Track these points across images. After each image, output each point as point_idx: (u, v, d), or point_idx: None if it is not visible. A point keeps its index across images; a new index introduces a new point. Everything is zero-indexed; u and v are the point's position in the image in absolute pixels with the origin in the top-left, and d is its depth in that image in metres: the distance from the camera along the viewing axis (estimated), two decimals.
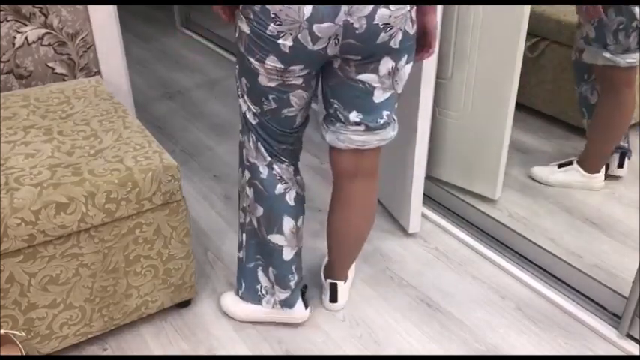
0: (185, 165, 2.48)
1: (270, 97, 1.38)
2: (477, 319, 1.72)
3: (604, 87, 2.06)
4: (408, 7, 1.26)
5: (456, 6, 1.88)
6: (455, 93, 2.02)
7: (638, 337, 1.61)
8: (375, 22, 1.23)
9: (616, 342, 1.62)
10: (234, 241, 2.02)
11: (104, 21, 1.98)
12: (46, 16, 1.90)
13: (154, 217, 1.52)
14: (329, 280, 1.72)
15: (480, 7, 1.84)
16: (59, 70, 2.00)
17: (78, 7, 1.94)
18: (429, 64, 1.74)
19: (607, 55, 1.92)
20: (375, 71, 1.34)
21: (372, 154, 1.51)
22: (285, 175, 1.53)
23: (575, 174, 2.23)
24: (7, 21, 1.85)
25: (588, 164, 2.21)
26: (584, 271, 1.78)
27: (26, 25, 1.89)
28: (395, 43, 1.29)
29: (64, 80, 2.02)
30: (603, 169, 2.22)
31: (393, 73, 1.35)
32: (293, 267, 1.61)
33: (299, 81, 1.35)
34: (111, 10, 1.98)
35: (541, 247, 1.88)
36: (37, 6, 1.88)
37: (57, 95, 1.81)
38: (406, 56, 1.35)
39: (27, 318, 1.44)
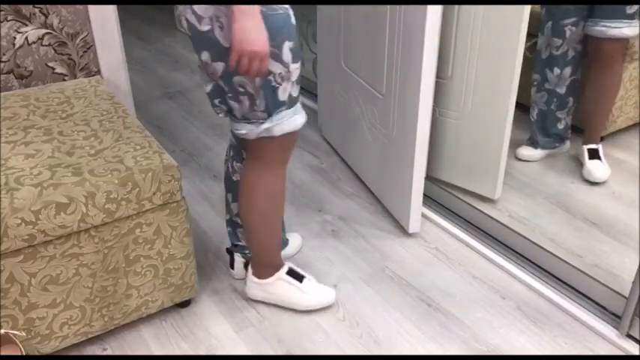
0: (185, 165, 2.48)
1: None
2: (477, 319, 1.72)
3: (606, 61, 2.17)
4: None
5: (456, 6, 1.88)
6: (455, 93, 2.02)
7: (638, 337, 1.61)
8: None
9: (616, 342, 1.62)
10: None
11: (104, 21, 1.98)
12: (46, 16, 1.91)
13: (154, 217, 1.52)
14: None
15: (480, 7, 1.84)
16: (59, 70, 2.00)
17: (78, 7, 1.94)
18: (429, 64, 1.74)
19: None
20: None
21: (247, 140, 1.49)
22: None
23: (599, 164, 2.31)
24: (7, 21, 1.85)
25: (593, 137, 2.33)
26: (584, 271, 1.78)
27: (26, 25, 1.89)
28: (185, 29, 1.34)
29: (64, 80, 2.02)
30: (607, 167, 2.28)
31: (204, 65, 1.38)
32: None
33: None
34: (111, 10, 1.98)
35: (541, 247, 1.88)
36: (37, 6, 1.88)
37: (57, 95, 1.81)
38: (207, 52, 1.34)
39: (27, 318, 1.44)
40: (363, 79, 2.11)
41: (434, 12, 1.67)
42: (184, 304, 1.74)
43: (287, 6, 1.33)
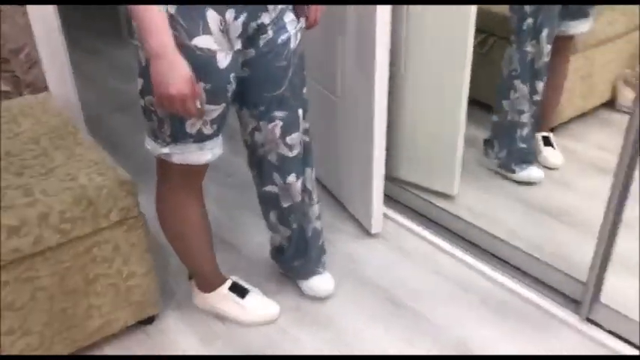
0: (141, 179, 2.42)
1: None
2: (443, 315, 1.73)
3: (567, 53, 2.30)
4: None
5: (405, 5, 1.90)
6: (408, 91, 2.03)
7: (597, 321, 1.66)
8: None
9: (577, 327, 1.66)
10: None
11: (48, 34, 1.93)
12: None
13: (111, 234, 1.48)
14: None
15: (430, 7, 1.86)
16: (4, 87, 1.93)
17: (19, 21, 1.88)
18: (382, 63, 1.75)
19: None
20: None
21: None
22: None
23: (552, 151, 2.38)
24: None
25: (547, 125, 2.42)
26: (544, 260, 1.82)
27: None
28: None
29: (10, 98, 1.95)
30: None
31: None
32: None
33: None
34: (54, 23, 1.93)
35: (501, 240, 1.91)
36: None
37: (3, 114, 1.75)
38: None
39: None
40: (317, 82, 2.11)
41: (384, 11, 1.68)
42: (149, 320, 1.70)
43: (216, 49, 1.25)
